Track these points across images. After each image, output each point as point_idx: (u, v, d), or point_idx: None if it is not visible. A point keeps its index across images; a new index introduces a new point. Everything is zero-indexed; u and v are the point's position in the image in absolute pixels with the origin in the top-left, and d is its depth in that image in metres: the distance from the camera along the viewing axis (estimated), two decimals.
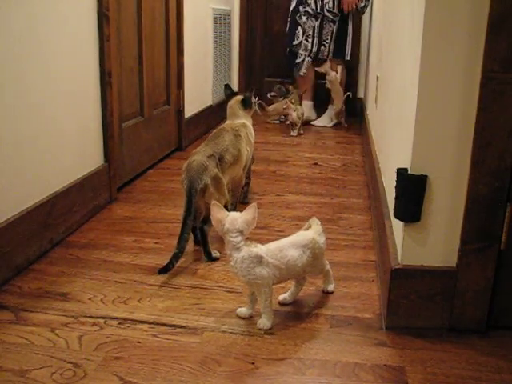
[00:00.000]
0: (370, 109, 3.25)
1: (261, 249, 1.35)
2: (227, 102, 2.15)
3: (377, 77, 2.71)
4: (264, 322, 1.35)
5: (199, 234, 1.77)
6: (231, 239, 1.32)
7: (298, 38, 3.96)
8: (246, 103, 2.13)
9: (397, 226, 1.42)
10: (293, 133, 3.75)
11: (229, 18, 4.28)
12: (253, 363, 1.22)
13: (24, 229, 1.62)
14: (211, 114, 3.82)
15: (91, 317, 1.39)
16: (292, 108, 3.71)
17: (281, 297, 1.48)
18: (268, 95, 4.11)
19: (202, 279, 1.61)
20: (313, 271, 1.47)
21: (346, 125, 4.05)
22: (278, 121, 4.17)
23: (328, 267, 1.53)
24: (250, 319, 1.40)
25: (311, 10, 3.86)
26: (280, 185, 2.60)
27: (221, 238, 1.43)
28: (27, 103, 1.64)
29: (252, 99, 2.15)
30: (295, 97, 3.89)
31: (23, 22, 1.59)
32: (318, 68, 3.97)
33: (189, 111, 3.34)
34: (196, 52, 3.47)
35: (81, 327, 1.35)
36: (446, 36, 1.20)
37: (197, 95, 3.54)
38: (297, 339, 1.31)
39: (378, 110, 2.55)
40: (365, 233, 2.00)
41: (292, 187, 2.56)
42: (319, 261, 1.46)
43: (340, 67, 3.95)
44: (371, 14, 4.01)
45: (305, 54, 3.97)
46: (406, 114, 1.39)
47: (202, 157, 1.75)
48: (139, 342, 1.29)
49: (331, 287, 1.54)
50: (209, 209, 1.71)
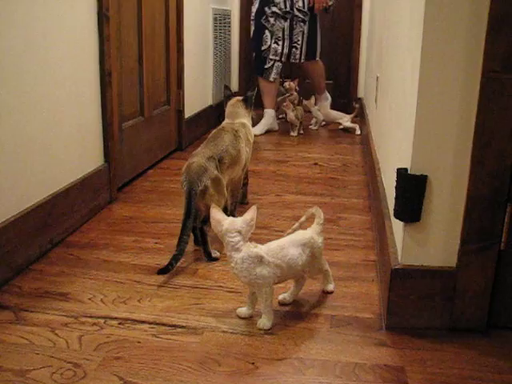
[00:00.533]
0: (370, 109, 3.25)
1: (261, 248, 1.35)
2: (226, 103, 2.14)
3: (377, 77, 2.71)
4: (264, 322, 1.35)
5: (199, 235, 1.77)
6: (230, 239, 1.32)
7: (267, 43, 3.72)
8: (248, 102, 2.11)
9: (397, 226, 1.42)
10: (293, 133, 3.75)
11: (229, 18, 4.29)
12: (253, 363, 1.22)
13: (24, 229, 1.62)
14: (211, 114, 3.82)
15: (91, 317, 1.39)
16: (291, 108, 3.71)
17: (280, 296, 1.48)
18: None
19: (202, 279, 1.61)
20: (312, 271, 1.47)
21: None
22: (283, 118, 4.15)
23: (327, 267, 1.53)
24: (250, 319, 1.40)
25: (279, 10, 3.66)
26: (280, 185, 2.60)
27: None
28: (27, 103, 1.64)
29: (253, 99, 2.14)
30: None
31: (23, 23, 1.59)
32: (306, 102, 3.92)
33: (189, 111, 3.34)
34: (196, 52, 3.47)
35: (81, 327, 1.35)
36: (446, 36, 1.20)
37: (197, 95, 3.54)
38: (297, 339, 1.31)
39: (378, 110, 2.55)
40: (365, 233, 2.00)
41: (292, 187, 2.56)
42: (318, 260, 1.46)
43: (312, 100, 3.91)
44: (371, 14, 4.01)
45: (275, 59, 3.75)
46: (406, 114, 1.39)
47: (202, 158, 1.74)
48: (139, 342, 1.29)
49: (331, 287, 1.54)
50: (208, 209, 1.72)
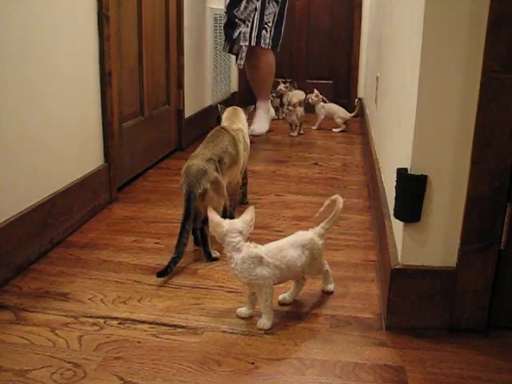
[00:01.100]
0: (370, 109, 3.25)
1: (260, 249, 1.35)
2: (219, 119, 2.19)
3: (377, 77, 2.71)
4: (264, 322, 1.35)
5: (199, 235, 1.77)
6: (231, 239, 1.32)
7: (237, 31, 3.27)
8: (246, 111, 2.21)
9: (397, 226, 1.42)
10: (293, 133, 3.75)
11: None
12: (253, 363, 1.22)
13: (24, 229, 1.62)
14: (211, 114, 3.82)
15: (91, 317, 1.39)
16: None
17: (280, 297, 1.48)
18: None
19: (202, 279, 1.61)
20: (312, 271, 1.47)
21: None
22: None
23: (327, 267, 1.53)
24: (250, 319, 1.40)
25: None
26: (280, 185, 2.60)
27: None
28: (27, 103, 1.64)
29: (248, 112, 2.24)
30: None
31: (23, 22, 1.59)
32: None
33: (189, 111, 3.34)
34: (196, 52, 3.47)
35: (81, 327, 1.35)
36: (446, 36, 1.20)
37: (197, 95, 3.54)
38: (297, 339, 1.31)
39: (378, 110, 2.55)
40: (365, 233, 2.00)
41: (292, 187, 2.56)
42: (318, 261, 1.46)
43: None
44: (371, 14, 4.01)
45: (244, 45, 3.30)
46: (406, 114, 1.39)
47: (201, 160, 1.73)
48: (139, 342, 1.29)
49: (331, 287, 1.54)
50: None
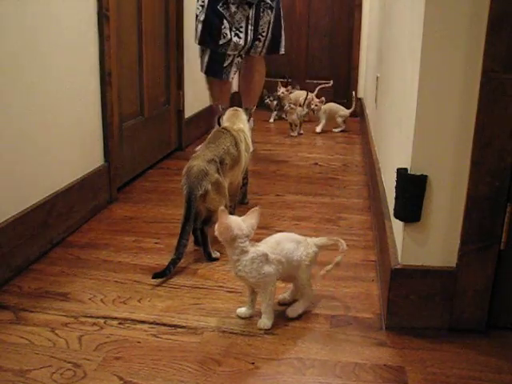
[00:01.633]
0: (370, 109, 3.25)
1: (263, 247, 1.35)
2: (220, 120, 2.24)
3: (377, 77, 2.71)
4: (264, 322, 1.35)
5: (199, 235, 1.77)
6: (241, 244, 1.32)
7: (226, 36, 2.91)
8: (247, 112, 2.21)
9: (397, 226, 1.42)
10: (293, 133, 3.75)
11: None
12: (253, 363, 1.22)
13: (24, 229, 1.62)
14: (211, 114, 3.82)
15: (91, 317, 1.39)
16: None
17: (280, 296, 1.48)
18: (266, 100, 4.07)
19: (202, 279, 1.61)
20: (299, 277, 1.40)
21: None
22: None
23: (308, 289, 1.42)
24: (250, 319, 1.40)
25: None
26: (280, 185, 2.60)
27: None
28: (27, 103, 1.64)
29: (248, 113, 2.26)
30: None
31: (22, 22, 1.59)
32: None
33: (189, 111, 3.34)
34: (196, 52, 3.47)
35: (81, 327, 1.35)
36: (446, 36, 1.20)
37: (197, 95, 3.54)
38: (297, 339, 1.31)
39: (378, 110, 2.55)
40: (365, 233, 2.00)
41: (292, 187, 2.56)
42: (304, 270, 1.39)
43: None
44: (371, 14, 4.01)
45: (234, 54, 2.98)
46: (406, 114, 1.39)
47: (202, 161, 1.72)
48: (139, 342, 1.29)
49: (293, 312, 1.41)
50: (209, 211, 1.72)
